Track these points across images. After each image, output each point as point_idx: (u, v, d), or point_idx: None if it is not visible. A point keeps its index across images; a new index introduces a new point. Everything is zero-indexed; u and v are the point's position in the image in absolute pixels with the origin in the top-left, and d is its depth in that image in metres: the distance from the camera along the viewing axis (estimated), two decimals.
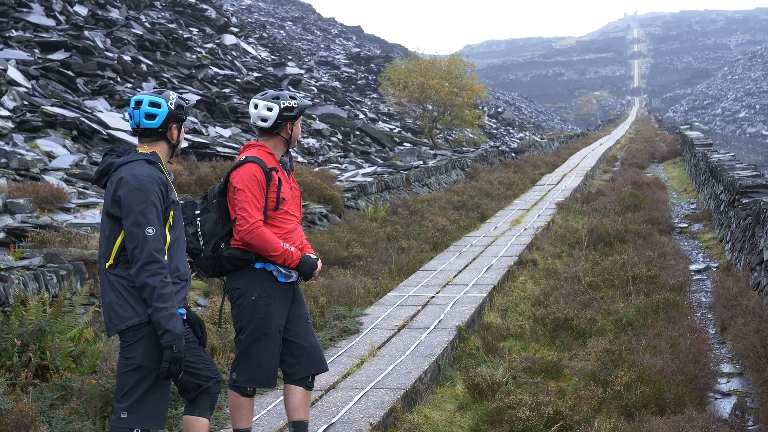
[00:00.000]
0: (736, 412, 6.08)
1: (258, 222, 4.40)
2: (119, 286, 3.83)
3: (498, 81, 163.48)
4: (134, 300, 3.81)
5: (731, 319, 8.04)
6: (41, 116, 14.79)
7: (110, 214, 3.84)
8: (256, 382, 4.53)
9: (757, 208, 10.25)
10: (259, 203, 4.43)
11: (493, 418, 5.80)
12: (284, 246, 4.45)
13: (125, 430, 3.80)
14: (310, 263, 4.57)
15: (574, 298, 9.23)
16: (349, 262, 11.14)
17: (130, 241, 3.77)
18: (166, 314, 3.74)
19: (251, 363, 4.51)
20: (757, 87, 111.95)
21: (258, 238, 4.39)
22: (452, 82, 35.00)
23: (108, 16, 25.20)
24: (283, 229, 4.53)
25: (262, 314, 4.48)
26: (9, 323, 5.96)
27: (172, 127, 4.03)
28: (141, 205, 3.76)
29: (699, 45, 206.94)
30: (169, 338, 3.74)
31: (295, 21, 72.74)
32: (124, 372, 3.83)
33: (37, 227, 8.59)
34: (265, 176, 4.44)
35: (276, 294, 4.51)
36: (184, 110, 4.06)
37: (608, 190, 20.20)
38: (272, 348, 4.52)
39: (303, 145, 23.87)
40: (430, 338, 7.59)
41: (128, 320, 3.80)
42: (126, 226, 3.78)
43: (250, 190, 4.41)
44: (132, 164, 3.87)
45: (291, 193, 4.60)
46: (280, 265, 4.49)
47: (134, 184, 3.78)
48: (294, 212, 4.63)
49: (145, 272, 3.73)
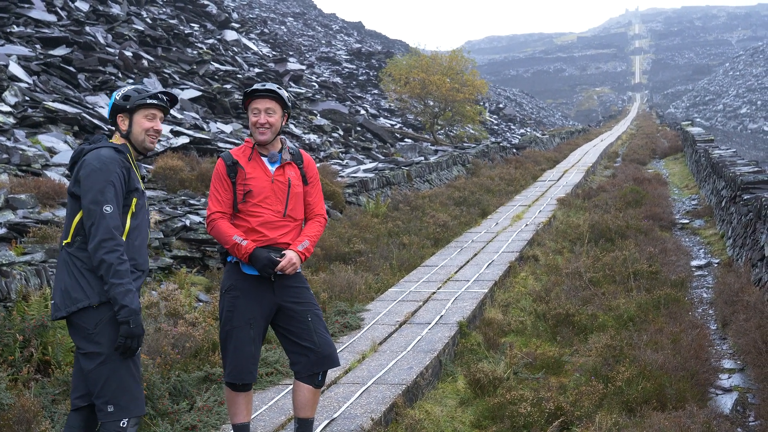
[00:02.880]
0: (738, 408, 6.09)
1: (214, 214, 4.46)
2: (73, 267, 3.83)
3: (499, 77, 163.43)
4: (85, 282, 3.80)
5: (732, 314, 8.04)
6: (42, 112, 14.79)
7: (71, 192, 3.89)
8: (233, 377, 4.49)
9: (758, 204, 10.24)
10: (220, 196, 4.47)
11: (495, 413, 5.81)
12: (235, 239, 4.38)
13: (114, 423, 3.79)
14: (262, 258, 4.38)
15: (575, 293, 9.23)
16: (351, 258, 11.14)
17: (87, 218, 3.79)
18: (122, 290, 3.74)
19: (226, 357, 4.52)
20: (759, 83, 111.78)
21: (214, 230, 4.46)
22: (453, 78, 34.98)
23: (109, 12, 25.16)
24: (255, 220, 4.46)
25: (228, 307, 4.49)
26: (11, 318, 5.97)
27: (118, 118, 4.08)
28: (100, 183, 3.79)
29: (700, 41, 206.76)
30: (126, 313, 3.74)
31: (296, 17, 72.66)
32: (96, 367, 3.79)
33: (38, 223, 8.60)
34: (228, 170, 4.47)
35: (243, 286, 4.47)
36: (130, 100, 4.04)
37: (609, 186, 20.19)
38: (243, 342, 4.46)
39: (304, 141, 23.85)
40: (432, 334, 7.59)
41: (79, 302, 3.79)
42: (84, 204, 3.80)
43: (213, 184, 4.51)
44: (99, 149, 3.93)
45: (271, 186, 4.50)
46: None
47: (95, 165, 3.83)
48: (271, 205, 4.50)
49: (101, 249, 3.74)
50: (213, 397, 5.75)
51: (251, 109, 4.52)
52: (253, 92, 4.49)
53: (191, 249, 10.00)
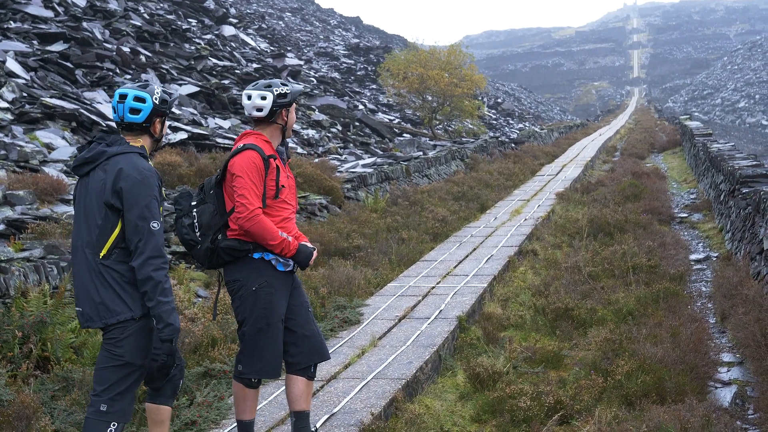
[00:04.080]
0: (737, 401, 6.10)
1: (258, 209, 4.34)
2: (111, 279, 3.79)
3: (497, 71, 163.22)
4: (126, 295, 3.78)
5: (731, 308, 8.05)
6: (40, 108, 14.76)
7: (109, 204, 3.79)
8: (262, 373, 4.52)
9: (757, 198, 10.25)
10: (258, 190, 4.36)
11: (494, 407, 5.82)
12: (282, 235, 4.40)
13: (103, 423, 3.79)
14: (307, 253, 4.54)
15: (574, 288, 9.23)
16: (350, 253, 11.14)
17: (134, 234, 3.75)
18: (168, 308, 3.75)
19: (256, 354, 4.49)
20: (757, 77, 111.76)
21: (257, 225, 4.33)
22: (452, 73, 34.93)
23: (106, 8, 25.11)
24: (279, 217, 4.48)
25: (264, 305, 4.45)
26: (10, 315, 5.97)
27: (155, 121, 4.02)
28: (146, 198, 3.77)
29: (698, 35, 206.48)
30: (170, 332, 3.76)
31: (294, 12, 72.54)
32: (110, 366, 3.80)
33: (37, 219, 8.59)
34: (264, 163, 4.38)
35: (276, 283, 4.49)
36: (168, 104, 4.03)
37: (608, 181, 20.18)
38: (276, 338, 4.50)
39: (302, 136, 23.83)
40: (431, 328, 7.59)
41: (119, 314, 3.78)
42: (130, 219, 3.75)
43: (249, 177, 4.34)
44: (129, 156, 3.85)
45: (288, 182, 4.57)
46: (278, 254, 4.46)
47: (138, 178, 3.77)
48: (290, 201, 4.59)
49: (149, 266, 3.73)
50: (213, 392, 5.75)
51: (292, 108, 4.60)
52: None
53: None
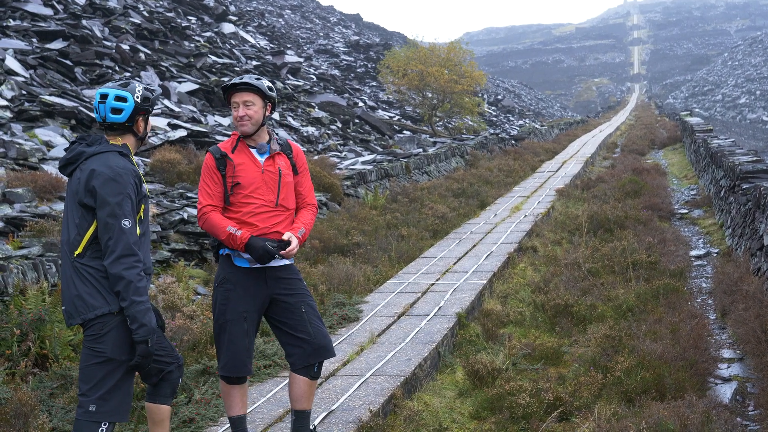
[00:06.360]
0: (737, 397, 6.08)
1: (206, 207, 4.43)
2: (87, 275, 3.77)
3: (498, 68, 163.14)
4: (104, 289, 3.76)
5: (731, 304, 8.03)
6: (39, 105, 14.74)
7: (83, 203, 3.78)
8: (227, 370, 4.49)
9: (757, 194, 10.22)
10: (210, 190, 4.45)
11: (494, 404, 5.80)
12: (229, 230, 4.38)
13: (93, 423, 3.74)
14: (259, 247, 4.36)
15: (574, 284, 9.22)
16: (349, 250, 11.13)
17: (105, 232, 3.72)
18: (142, 308, 3.72)
19: (220, 351, 4.51)
20: (758, 73, 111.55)
21: (207, 223, 4.43)
22: (452, 70, 34.87)
23: (106, 5, 25.06)
24: (240, 214, 4.45)
25: (221, 300, 4.48)
26: (8, 312, 5.96)
27: (138, 120, 4.00)
28: (117, 196, 3.73)
29: (699, 31, 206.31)
30: (144, 332, 3.72)
31: (294, 9, 72.44)
32: (93, 364, 3.76)
33: (35, 216, 8.57)
34: (217, 163, 4.46)
35: (235, 279, 4.46)
36: (150, 102, 4.01)
37: (608, 177, 20.17)
38: (237, 335, 4.45)
39: (302, 133, 23.81)
40: (430, 325, 7.58)
41: (97, 309, 3.75)
42: (101, 217, 3.73)
43: (203, 178, 4.50)
44: (105, 155, 3.84)
45: (262, 177, 4.50)
46: (234, 250, 4.45)
47: (110, 175, 3.75)
48: (263, 195, 4.49)
49: (120, 264, 3.70)
50: (211, 390, 5.74)
51: (231, 103, 4.57)
52: (231, 86, 4.53)
53: (189, 242, 9.98)
